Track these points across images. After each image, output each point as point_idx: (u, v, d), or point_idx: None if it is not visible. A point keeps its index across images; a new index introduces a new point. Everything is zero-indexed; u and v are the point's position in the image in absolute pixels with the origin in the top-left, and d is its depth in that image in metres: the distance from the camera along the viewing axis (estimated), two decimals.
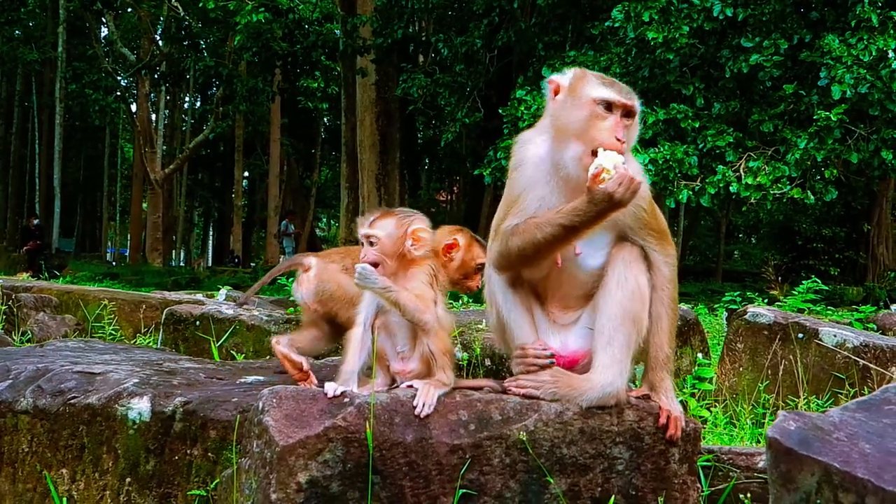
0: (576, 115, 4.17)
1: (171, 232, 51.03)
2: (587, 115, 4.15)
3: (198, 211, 72.02)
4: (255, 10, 25.47)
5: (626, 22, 18.84)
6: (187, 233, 68.16)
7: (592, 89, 4.20)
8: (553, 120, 4.30)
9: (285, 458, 3.64)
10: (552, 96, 4.36)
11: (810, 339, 7.70)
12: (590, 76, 4.29)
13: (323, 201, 58.57)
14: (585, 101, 4.17)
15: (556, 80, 4.38)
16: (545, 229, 4.03)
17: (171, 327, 7.40)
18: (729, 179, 18.22)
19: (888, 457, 3.00)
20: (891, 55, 17.09)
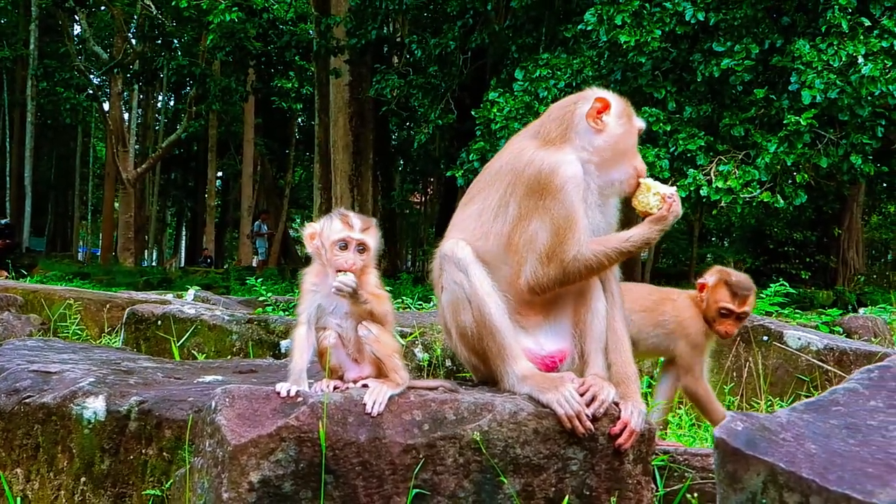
0: (630, 142, 4.45)
1: (143, 232, 50.79)
2: (634, 143, 4.47)
3: (170, 211, 71.70)
4: (229, 9, 25.38)
5: (599, 25, 18.86)
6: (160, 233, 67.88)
7: (636, 119, 4.51)
8: (608, 143, 4.40)
9: (237, 457, 3.63)
10: (595, 114, 4.40)
11: (775, 341, 7.74)
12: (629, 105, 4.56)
13: (297, 202, 58.43)
14: (635, 130, 4.48)
15: (607, 97, 4.46)
16: (612, 256, 4.30)
17: (132, 327, 7.37)
18: (700, 183, 18.26)
19: (833, 457, 3.02)
20: (860, 61, 17.17)
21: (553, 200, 4.20)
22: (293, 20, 32.04)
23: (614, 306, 4.47)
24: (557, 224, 4.20)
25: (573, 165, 4.28)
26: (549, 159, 4.28)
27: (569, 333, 4.42)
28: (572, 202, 4.22)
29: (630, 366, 4.40)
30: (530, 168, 4.27)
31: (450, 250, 4.29)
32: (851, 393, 3.49)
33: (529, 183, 4.25)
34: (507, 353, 4.20)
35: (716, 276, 5.53)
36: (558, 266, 4.21)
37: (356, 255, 4.10)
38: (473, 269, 4.24)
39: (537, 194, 4.23)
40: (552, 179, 4.22)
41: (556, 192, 4.21)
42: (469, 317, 4.23)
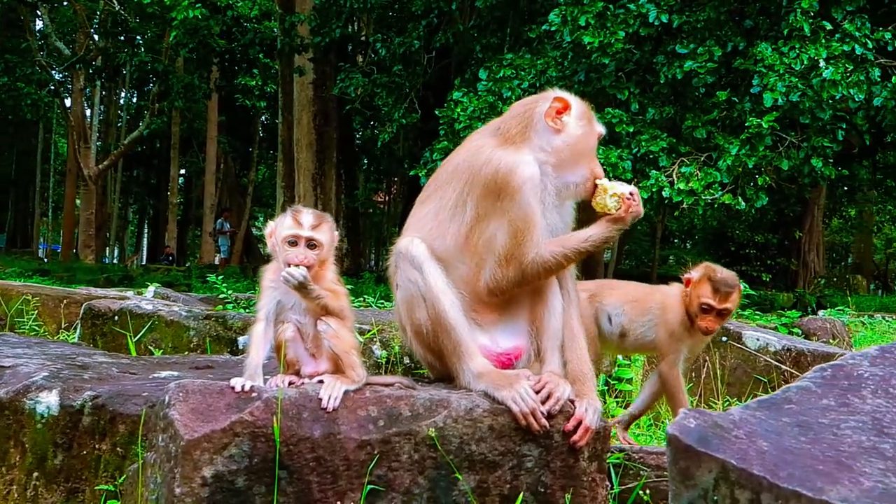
0: (590, 144, 4.47)
1: (104, 229, 50.46)
2: (593, 145, 4.49)
3: (132, 208, 71.24)
4: (192, 5, 25.26)
5: (563, 26, 18.91)
6: (121, 230, 67.47)
7: (597, 124, 4.53)
8: (566, 144, 4.41)
9: (190, 452, 3.60)
10: (554, 114, 4.41)
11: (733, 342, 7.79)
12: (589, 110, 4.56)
13: (260, 200, 58.22)
14: (594, 133, 4.50)
15: (566, 98, 4.47)
16: (571, 256, 4.31)
17: (89, 322, 7.31)
18: (662, 184, 18.34)
19: (784, 454, 3.03)
20: (822, 64, 17.31)
21: (510, 202, 4.20)
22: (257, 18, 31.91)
23: (570, 304, 4.48)
24: (515, 226, 4.20)
25: (530, 166, 4.28)
26: (506, 159, 4.26)
27: (525, 331, 4.42)
28: (529, 204, 4.22)
29: (586, 364, 4.40)
30: (487, 167, 4.25)
31: (405, 248, 4.27)
32: (804, 391, 3.51)
33: (486, 183, 4.23)
34: (462, 351, 4.19)
35: (701, 272, 5.59)
36: (517, 268, 4.21)
37: (306, 251, 4.07)
38: (428, 267, 4.23)
39: (494, 195, 4.21)
40: (509, 180, 4.20)
41: (513, 193, 4.20)
42: (424, 314, 4.22)
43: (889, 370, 3.61)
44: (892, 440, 3.20)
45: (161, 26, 32.56)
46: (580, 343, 4.44)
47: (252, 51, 30.74)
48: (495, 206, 4.21)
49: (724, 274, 5.61)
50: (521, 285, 4.28)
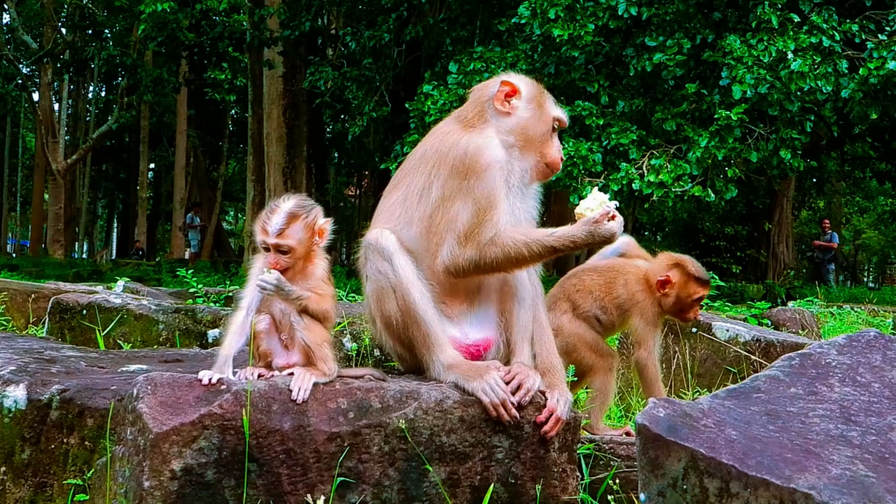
0: (541, 129, 4.45)
1: (73, 224, 50.15)
2: (547, 130, 4.46)
3: (102, 202, 70.78)
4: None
5: (533, 19, 18.92)
6: (90, 225, 67.03)
7: (552, 108, 4.51)
8: (517, 127, 4.43)
9: (159, 445, 3.58)
10: (502, 98, 4.44)
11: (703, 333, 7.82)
12: (545, 91, 4.56)
13: (230, 194, 58.04)
14: (548, 118, 4.48)
15: (514, 82, 4.49)
16: (534, 248, 4.20)
17: (57, 317, 7.26)
18: (632, 177, 18.39)
19: (753, 443, 3.05)
20: (790, 56, 17.41)
21: (477, 181, 4.21)
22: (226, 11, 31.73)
23: (537, 298, 4.48)
24: (479, 204, 4.20)
25: (497, 148, 4.32)
26: (474, 141, 4.30)
27: (494, 322, 4.43)
28: (495, 183, 4.24)
29: (555, 356, 4.42)
30: (456, 149, 4.28)
31: (374, 239, 4.26)
32: (772, 380, 3.53)
33: (454, 164, 4.25)
34: (432, 342, 4.19)
35: (678, 272, 5.58)
36: (475, 247, 4.19)
37: (277, 257, 4.04)
38: (398, 258, 4.22)
39: (462, 175, 4.23)
40: (477, 160, 4.23)
41: (480, 172, 4.22)
42: (394, 305, 4.22)
43: (856, 359, 3.64)
44: (859, 428, 3.23)
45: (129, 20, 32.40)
46: (548, 335, 4.46)
47: (221, 44, 30.54)
48: (461, 186, 4.23)
49: (696, 264, 5.66)
50: (478, 268, 4.23)
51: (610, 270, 5.71)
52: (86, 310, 7.16)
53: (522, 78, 4.56)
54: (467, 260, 4.21)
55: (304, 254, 4.11)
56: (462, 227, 4.21)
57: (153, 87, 32.42)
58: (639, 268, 5.73)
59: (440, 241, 4.26)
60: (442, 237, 4.25)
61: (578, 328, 5.49)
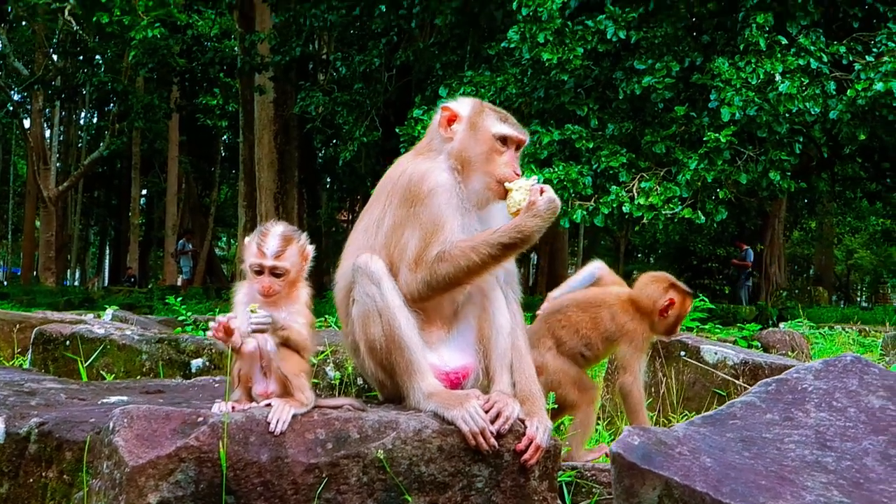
0: (479, 149, 4.45)
1: (64, 251, 50.09)
2: (488, 149, 4.44)
3: (93, 229, 70.70)
4: (151, 25, 25.18)
5: (522, 43, 18.98)
6: (82, 252, 66.94)
7: (492, 125, 4.48)
8: (457, 151, 4.48)
9: (135, 478, 3.57)
10: (445, 123, 4.52)
11: (692, 356, 7.80)
12: (487, 110, 4.55)
13: (222, 220, 57.96)
14: (486, 137, 4.46)
15: (452, 108, 4.56)
16: (482, 250, 4.20)
17: (40, 347, 7.22)
18: (622, 199, 18.43)
19: (728, 470, 3.04)
20: (778, 78, 17.48)
21: (422, 207, 4.29)
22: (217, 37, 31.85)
23: (517, 325, 4.49)
24: (425, 229, 4.26)
25: (442, 173, 4.39)
26: (419, 168, 4.40)
27: (473, 349, 4.43)
28: (439, 207, 4.29)
29: (535, 383, 4.42)
30: (403, 178, 4.39)
31: (364, 263, 4.28)
32: (749, 406, 3.53)
33: (402, 192, 4.35)
34: (414, 369, 4.19)
35: (676, 293, 5.59)
36: (425, 268, 4.23)
37: (271, 280, 4.07)
38: (386, 283, 4.25)
39: (409, 202, 4.31)
40: (421, 186, 4.31)
41: (424, 198, 4.29)
42: (379, 330, 4.23)
43: (833, 384, 3.64)
44: (834, 453, 3.23)
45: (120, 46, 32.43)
46: (528, 362, 4.46)
47: (212, 70, 30.68)
48: (409, 213, 4.30)
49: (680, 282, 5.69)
50: (433, 288, 4.27)
51: (593, 305, 5.66)
52: (69, 340, 7.12)
53: (466, 102, 4.61)
54: (421, 282, 4.25)
55: (294, 278, 4.14)
56: (411, 253, 4.27)
57: (144, 114, 32.47)
58: (620, 296, 5.71)
59: (397, 270, 4.32)
60: (397, 266, 4.32)
61: (563, 365, 5.47)
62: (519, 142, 4.54)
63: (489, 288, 4.45)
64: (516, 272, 4.67)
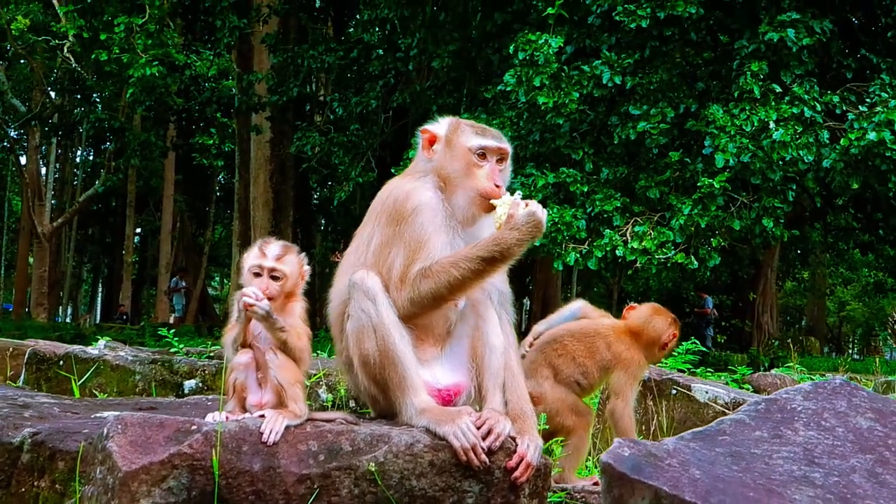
0: (457, 165, 4.51)
1: (57, 287, 50.00)
2: (466, 164, 4.49)
3: (87, 266, 70.61)
4: (149, 63, 25.30)
5: (518, 86, 19.08)
6: (75, 288, 66.81)
7: (467, 139, 4.52)
8: (437, 170, 4.55)
9: (128, 483, 3.59)
10: (427, 146, 4.62)
11: (683, 394, 7.83)
12: (463, 126, 4.59)
13: (216, 259, 57.94)
14: (463, 152, 4.50)
15: (430, 129, 4.65)
16: (462, 265, 4.23)
17: (33, 367, 7.25)
18: (616, 243, 18.48)
19: (716, 482, 3.07)
20: (772, 126, 17.59)
21: (406, 225, 4.36)
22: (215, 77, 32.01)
23: (510, 345, 4.52)
24: (409, 247, 4.34)
25: (426, 192, 4.47)
26: (404, 188, 4.49)
27: (465, 368, 4.46)
28: (422, 225, 4.36)
29: (526, 402, 4.45)
30: (389, 198, 4.48)
31: (360, 279, 4.33)
32: (738, 423, 3.56)
33: (389, 212, 4.44)
34: (407, 385, 4.23)
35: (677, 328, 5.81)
36: (409, 286, 4.30)
37: (270, 283, 4.15)
38: (381, 299, 4.29)
39: (395, 222, 4.40)
40: (405, 205, 4.40)
41: (408, 217, 4.37)
42: (373, 345, 4.26)
43: (822, 404, 3.68)
44: (822, 469, 3.26)
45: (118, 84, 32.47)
46: (520, 382, 4.49)
47: (209, 109, 30.80)
48: (394, 232, 4.38)
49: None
50: (417, 304, 4.31)
51: (588, 335, 5.74)
52: (62, 360, 7.15)
53: (444, 121, 4.69)
54: (406, 300, 4.31)
55: (290, 288, 4.23)
56: (397, 272, 4.34)
57: (140, 151, 32.52)
58: (615, 326, 5.80)
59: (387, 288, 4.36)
60: (386, 284, 4.36)
61: (560, 393, 5.54)
62: (498, 152, 4.56)
63: (483, 308, 4.49)
64: (510, 294, 4.70)
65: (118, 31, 25.77)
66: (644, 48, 19.67)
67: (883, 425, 3.58)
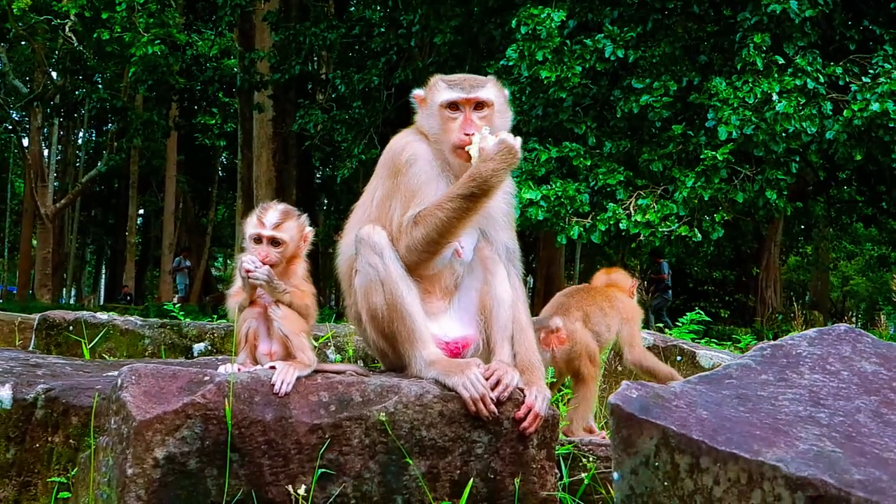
0: (434, 121, 4.57)
1: (61, 269, 50.02)
2: (442, 120, 4.54)
3: (90, 248, 70.67)
4: (151, 42, 25.31)
5: (521, 61, 19.08)
6: (78, 270, 66.86)
7: (438, 95, 4.57)
8: (422, 127, 4.64)
9: (142, 433, 3.64)
10: (421, 108, 4.70)
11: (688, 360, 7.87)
12: (439, 82, 4.66)
13: (219, 240, 57.96)
14: (436, 109, 4.56)
15: (418, 94, 4.75)
16: (446, 206, 4.28)
17: (43, 332, 7.31)
18: (619, 217, 18.50)
19: (723, 421, 3.12)
20: (774, 98, 17.58)
21: (403, 176, 4.45)
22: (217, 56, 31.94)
23: (518, 298, 4.57)
24: (405, 197, 4.41)
25: (420, 144, 4.56)
26: (401, 141, 4.59)
27: (474, 321, 4.51)
28: (416, 175, 4.44)
29: (534, 354, 4.50)
30: (388, 153, 4.59)
31: (367, 234, 4.38)
32: (744, 368, 3.60)
33: (388, 165, 4.54)
34: (416, 338, 4.27)
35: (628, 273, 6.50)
36: (404, 234, 4.36)
37: (269, 249, 4.20)
38: (388, 253, 4.34)
39: (393, 174, 4.48)
40: (401, 157, 4.49)
41: (403, 168, 4.46)
42: (381, 299, 4.30)
43: (827, 350, 3.72)
44: (827, 410, 3.30)
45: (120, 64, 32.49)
46: (528, 335, 4.54)
47: (211, 88, 30.78)
48: (394, 184, 4.46)
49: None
50: (413, 251, 4.36)
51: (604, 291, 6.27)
52: (72, 325, 7.21)
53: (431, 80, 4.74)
54: (403, 249, 4.36)
55: (291, 253, 4.25)
56: (396, 222, 4.40)
57: (143, 131, 32.48)
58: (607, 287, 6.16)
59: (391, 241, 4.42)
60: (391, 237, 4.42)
61: (587, 338, 5.82)
62: (469, 102, 4.52)
63: (491, 262, 4.53)
64: (518, 251, 4.75)
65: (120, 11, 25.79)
66: (646, 21, 19.68)
67: (888, 369, 3.61)
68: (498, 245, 4.59)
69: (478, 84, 4.58)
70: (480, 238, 4.59)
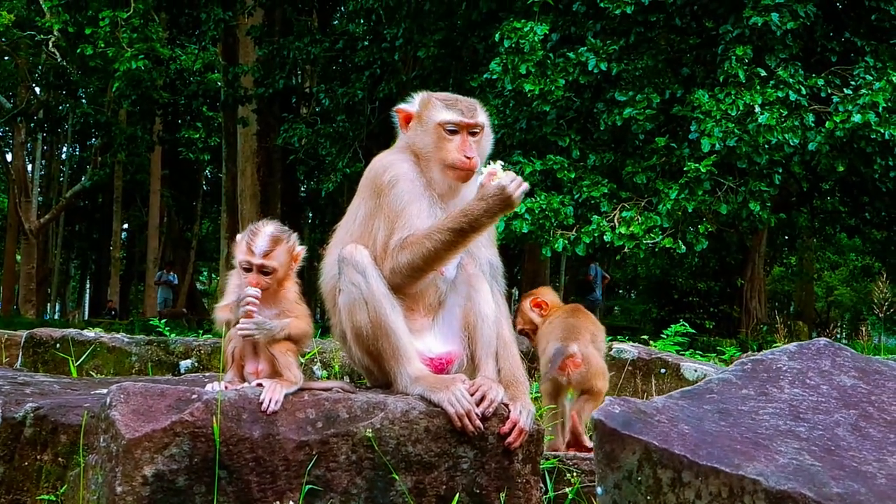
0: (428, 139, 4.57)
1: (45, 284, 49.89)
2: (437, 138, 4.55)
3: (74, 263, 70.39)
4: (135, 57, 25.28)
5: (504, 74, 19.12)
6: (63, 285, 66.63)
7: (437, 114, 4.58)
8: (411, 146, 4.63)
9: (131, 451, 3.67)
10: (403, 124, 4.71)
11: (672, 373, 7.91)
12: (434, 101, 4.66)
13: (204, 254, 57.83)
14: (430, 127, 4.57)
15: (404, 108, 4.76)
16: (435, 237, 4.30)
17: (30, 350, 7.32)
18: (603, 229, 18.53)
19: (704, 436, 3.17)
20: (757, 110, 17.65)
21: (385, 197, 4.47)
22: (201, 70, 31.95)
23: (501, 314, 4.61)
24: (389, 218, 4.44)
25: (404, 163, 4.57)
26: (383, 161, 4.62)
27: (458, 337, 4.55)
28: (399, 195, 4.46)
29: (519, 369, 4.54)
30: (371, 172, 4.62)
31: (349, 254, 4.41)
32: (725, 383, 3.65)
33: (370, 185, 4.57)
34: (400, 354, 4.31)
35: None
36: (389, 257, 4.40)
37: (259, 277, 4.19)
38: (371, 272, 4.37)
39: (376, 194, 4.51)
40: (384, 177, 4.51)
41: (388, 188, 4.48)
42: (365, 317, 4.34)
43: (807, 364, 3.77)
44: (807, 424, 3.35)
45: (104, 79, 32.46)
46: (512, 350, 4.58)
47: (195, 102, 30.77)
48: (376, 204, 4.49)
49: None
50: (398, 274, 4.39)
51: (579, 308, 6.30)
52: (59, 343, 7.22)
53: (416, 99, 4.78)
54: (388, 270, 4.40)
55: (282, 276, 4.26)
56: (380, 243, 4.44)
57: (127, 146, 32.44)
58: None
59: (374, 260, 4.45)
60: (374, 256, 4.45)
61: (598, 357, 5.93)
62: (468, 127, 4.59)
63: (475, 279, 4.57)
64: (501, 267, 4.79)
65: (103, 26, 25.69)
66: (629, 34, 19.74)
67: (866, 383, 3.67)
68: (481, 262, 4.63)
69: (473, 108, 4.65)
70: (464, 255, 4.59)
